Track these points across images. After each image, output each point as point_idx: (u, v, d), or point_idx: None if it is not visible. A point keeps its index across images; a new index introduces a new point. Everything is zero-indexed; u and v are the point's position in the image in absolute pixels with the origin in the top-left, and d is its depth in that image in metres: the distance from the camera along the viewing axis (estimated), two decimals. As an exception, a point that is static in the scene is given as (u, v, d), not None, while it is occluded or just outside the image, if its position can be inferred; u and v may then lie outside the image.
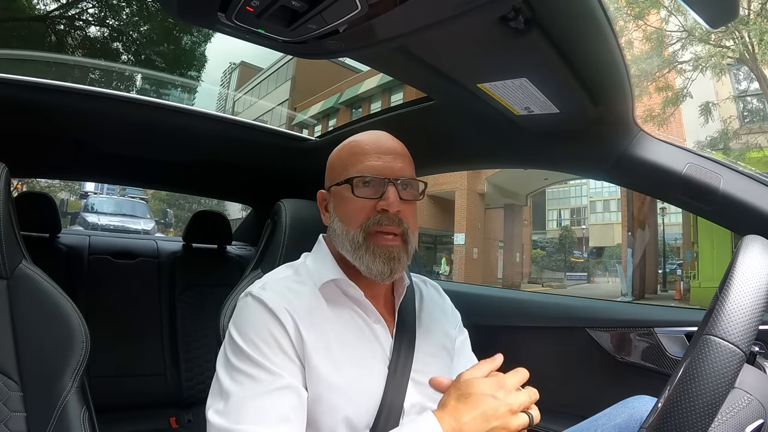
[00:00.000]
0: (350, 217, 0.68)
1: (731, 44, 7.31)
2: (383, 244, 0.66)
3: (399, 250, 0.67)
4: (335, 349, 0.65)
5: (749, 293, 0.47)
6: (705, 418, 0.44)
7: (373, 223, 0.66)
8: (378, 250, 0.66)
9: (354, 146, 0.71)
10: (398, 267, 0.67)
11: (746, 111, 8.50)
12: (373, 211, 0.67)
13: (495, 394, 0.56)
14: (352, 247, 0.67)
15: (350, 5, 0.54)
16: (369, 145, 0.70)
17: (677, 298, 10.66)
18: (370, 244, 0.66)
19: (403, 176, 0.69)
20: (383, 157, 0.69)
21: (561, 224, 27.63)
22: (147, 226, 9.50)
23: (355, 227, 0.67)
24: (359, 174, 0.67)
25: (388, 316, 0.73)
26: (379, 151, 0.69)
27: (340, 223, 0.69)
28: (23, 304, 0.76)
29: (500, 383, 0.57)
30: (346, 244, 0.68)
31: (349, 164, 0.70)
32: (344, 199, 0.69)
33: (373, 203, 0.67)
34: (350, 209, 0.68)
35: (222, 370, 0.62)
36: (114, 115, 1.31)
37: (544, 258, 21.97)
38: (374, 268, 0.66)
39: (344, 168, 0.70)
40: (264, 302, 0.63)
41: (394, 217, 0.67)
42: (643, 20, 7.67)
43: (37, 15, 7.44)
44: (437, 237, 16.07)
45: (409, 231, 0.69)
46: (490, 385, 0.57)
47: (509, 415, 0.55)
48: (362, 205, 0.67)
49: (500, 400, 0.56)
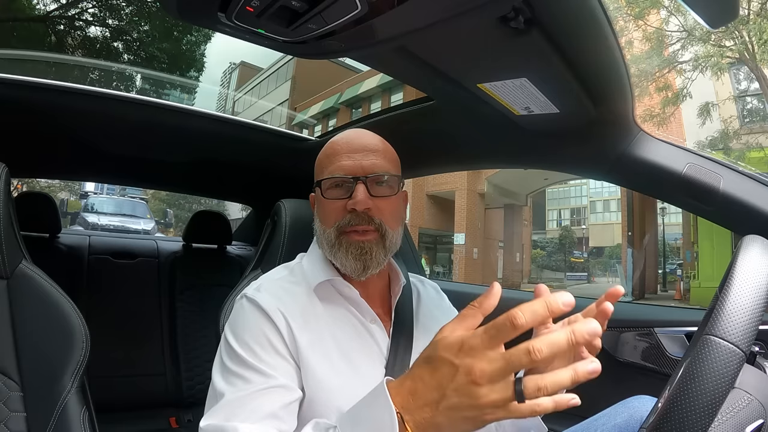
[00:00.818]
0: (325, 218, 0.69)
1: (731, 44, 7.31)
2: (354, 239, 0.67)
3: (371, 245, 0.67)
4: (330, 349, 0.65)
5: (749, 293, 0.47)
6: (705, 418, 0.44)
7: (344, 224, 0.67)
8: (350, 247, 0.66)
9: (328, 147, 0.72)
10: (372, 262, 0.67)
11: (746, 111, 8.50)
12: (344, 211, 0.67)
13: (453, 360, 0.41)
14: (328, 246, 0.68)
15: (350, 5, 0.54)
16: (341, 145, 0.70)
17: (677, 298, 10.66)
18: (343, 241, 0.67)
19: (374, 172, 0.68)
20: (353, 155, 0.69)
21: (561, 224, 27.64)
22: (147, 226, 9.50)
23: (329, 227, 0.68)
24: (329, 176, 0.68)
25: (385, 315, 0.73)
26: (350, 149, 0.69)
27: (319, 224, 0.71)
28: (23, 304, 0.76)
29: (462, 343, 0.42)
30: (324, 244, 0.69)
31: (324, 166, 0.71)
32: (320, 201, 0.71)
33: (344, 203, 0.67)
34: (325, 210, 0.69)
35: (217, 373, 0.62)
36: (114, 115, 1.31)
37: (544, 258, 21.98)
38: (348, 265, 0.67)
39: (321, 170, 0.71)
40: (258, 303, 0.64)
41: (364, 215, 0.66)
42: (643, 20, 7.67)
43: (37, 15, 7.45)
44: (437, 237, 16.07)
45: (384, 225, 0.68)
46: (451, 346, 0.42)
47: (472, 386, 0.40)
48: (334, 206, 0.68)
49: (459, 368, 0.41)
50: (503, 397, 0.40)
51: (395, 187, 0.70)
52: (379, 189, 0.68)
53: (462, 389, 0.41)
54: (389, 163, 0.71)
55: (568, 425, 0.82)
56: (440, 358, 0.43)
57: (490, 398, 0.40)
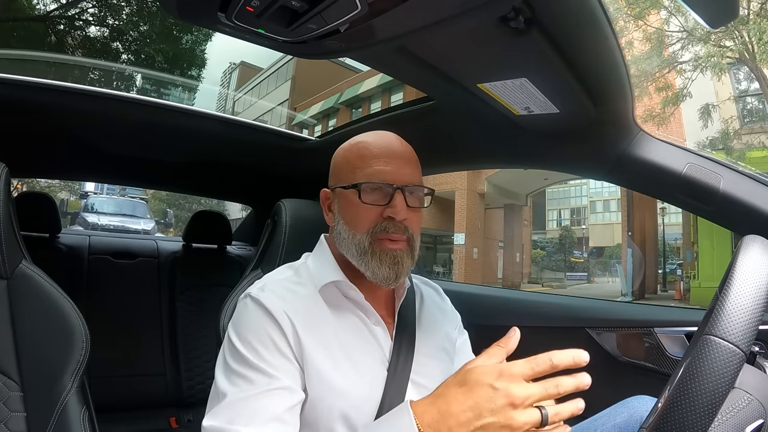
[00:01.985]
0: (357, 222, 0.67)
1: (731, 44, 7.31)
2: (388, 248, 0.66)
3: (403, 255, 0.67)
4: (334, 350, 0.64)
5: (749, 293, 0.47)
6: (705, 418, 0.44)
7: (380, 230, 0.66)
8: (383, 255, 0.65)
9: (362, 148, 0.70)
10: (403, 271, 0.67)
11: (746, 111, 8.50)
12: (380, 217, 0.66)
13: (494, 383, 0.47)
14: (358, 252, 0.66)
15: (350, 5, 0.54)
16: (377, 149, 0.68)
17: (677, 298, 10.66)
18: (376, 249, 0.66)
19: (411, 183, 0.68)
20: (392, 161, 0.67)
21: (561, 224, 27.64)
22: (147, 226, 9.50)
23: (362, 232, 0.66)
24: (367, 180, 0.66)
25: (389, 317, 0.73)
26: (387, 155, 0.68)
27: (346, 227, 0.68)
28: (23, 304, 0.76)
29: (502, 370, 0.48)
30: (352, 249, 0.67)
31: (356, 167, 0.68)
32: (351, 203, 0.68)
33: (381, 210, 0.66)
34: (357, 214, 0.67)
35: (220, 373, 0.62)
36: (114, 115, 1.31)
37: (544, 258, 21.97)
38: (380, 273, 0.65)
39: (351, 170, 0.69)
40: (262, 304, 0.63)
41: (400, 225, 0.66)
42: (643, 20, 7.67)
43: (37, 15, 7.44)
44: (437, 237, 16.08)
45: (414, 237, 0.68)
46: (490, 373, 0.48)
47: (509, 409, 0.46)
48: (369, 211, 0.66)
49: (499, 391, 0.47)
50: (532, 421, 0.47)
51: (425, 200, 0.71)
52: (414, 200, 0.68)
53: (499, 411, 0.47)
54: (420, 174, 0.71)
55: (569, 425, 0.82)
56: (479, 381, 0.48)
57: (521, 420, 0.46)
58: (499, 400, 0.47)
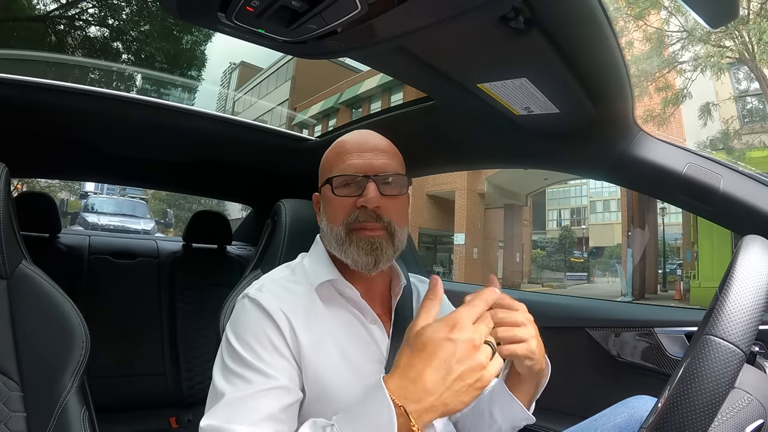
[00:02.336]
0: (334, 215, 0.69)
1: (731, 44, 7.31)
2: (365, 235, 0.67)
3: (382, 240, 0.67)
4: (331, 349, 0.65)
5: (749, 293, 0.47)
6: (705, 418, 0.44)
7: (353, 220, 0.67)
8: (360, 242, 0.67)
9: (338, 146, 0.73)
10: (382, 257, 0.67)
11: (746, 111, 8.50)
12: (353, 208, 0.68)
13: (450, 336, 0.50)
14: (337, 243, 0.68)
15: (350, 5, 0.54)
16: (351, 144, 0.71)
17: (677, 298, 10.66)
18: (353, 237, 0.67)
19: (384, 172, 0.68)
20: (364, 154, 0.69)
21: (561, 224, 27.63)
22: (147, 226, 9.50)
23: (338, 224, 0.68)
24: (339, 173, 0.69)
25: (385, 316, 0.73)
26: (360, 149, 0.70)
27: (326, 222, 0.71)
28: (23, 304, 0.76)
29: (453, 321, 0.51)
30: (332, 241, 0.69)
31: (332, 164, 0.71)
32: (328, 198, 0.70)
33: (353, 201, 0.68)
34: (333, 208, 0.69)
35: (218, 373, 0.62)
36: (114, 115, 1.31)
37: (544, 258, 21.97)
38: (359, 260, 0.67)
39: (329, 169, 0.71)
40: (260, 303, 0.64)
41: (372, 213, 0.67)
42: (643, 20, 7.67)
43: (37, 15, 7.44)
44: (437, 237, 16.07)
45: (393, 224, 0.69)
46: (443, 327, 0.51)
47: (473, 351, 0.49)
48: (343, 203, 0.68)
49: (458, 341, 0.49)
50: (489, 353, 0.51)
51: (403, 188, 0.71)
52: (389, 188, 0.69)
53: (465, 358, 0.49)
54: (397, 164, 0.72)
55: (568, 425, 0.82)
56: (435, 340, 0.50)
57: (484, 357, 0.50)
58: (461, 348, 0.49)
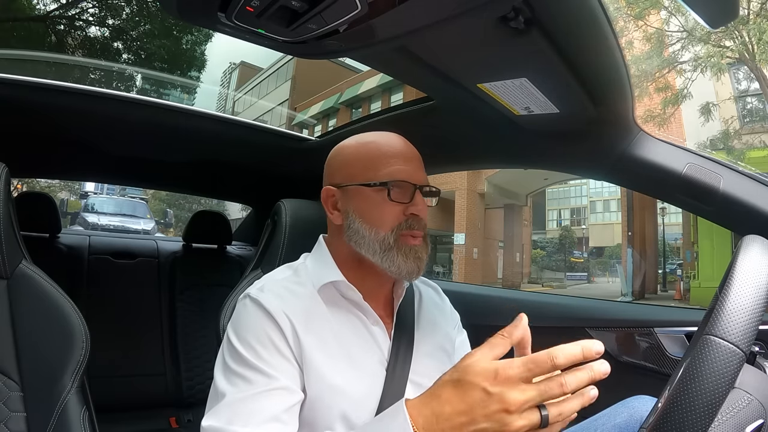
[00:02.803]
0: (381, 220, 0.68)
1: (731, 44, 7.31)
2: (410, 243, 0.68)
3: (422, 249, 0.69)
4: (333, 351, 0.65)
5: (749, 293, 0.47)
6: (705, 418, 0.44)
7: (405, 227, 0.68)
8: (408, 251, 0.67)
9: (375, 146, 0.71)
10: (422, 265, 0.69)
11: (746, 111, 8.50)
12: (403, 215, 0.68)
13: (488, 388, 0.45)
14: (382, 249, 0.67)
15: (350, 5, 0.54)
16: (393, 149, 0.71)
17: (677, 298, 10.65)
18: (401, 245, 0.67)
19: (426, 184, 0.71)
20: (409, 162, 0.70)
21: (561, 224, 27.63)
22: (147, 226, 9.51)
23: (386, 230, 0.67)
24: (393, 178, 0.68)
25: (387, 317, 0.73)
26: (404, 155, 0.71)
27: (367, 225, 0.68)
28: (23, 304, 0.76)
29: (498, 372, 0.45)
30: (375, 246, 0.67)
31: (376, 166, 0.69)
32: (373, 201, 0.68)
33: (404, 207, 0.68)
34: (382, 212, 0.68)
35: (219, 373, 0.62)
36: (114, 115, 1.31)
37: (544, 258, 21.95)
38: (405, 268, 0.67)
39: (368, 169, 0.69)
40: (262, 304, 0.63)
41: (422, 222, 0.69)
42: (643, 20, 7.67)
43: (37, 15, 7.44)
44: (437, 237, 16.06)
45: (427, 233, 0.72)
46: (486, 375, 0.45)
47: (503, 414, 0.44)
48: (395, 208, 0.68)
49: (492, 396, 0.44)
50: (530, 424, 0.44)
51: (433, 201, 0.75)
52: (427, 200, 0.72)
53: (493, 416, 0.44)
54: None
55: (568, 425, 0.82)
56: (472, 384, 0.45)
57: (518, 425, 0.44)
58: (492, 406, 0.44)
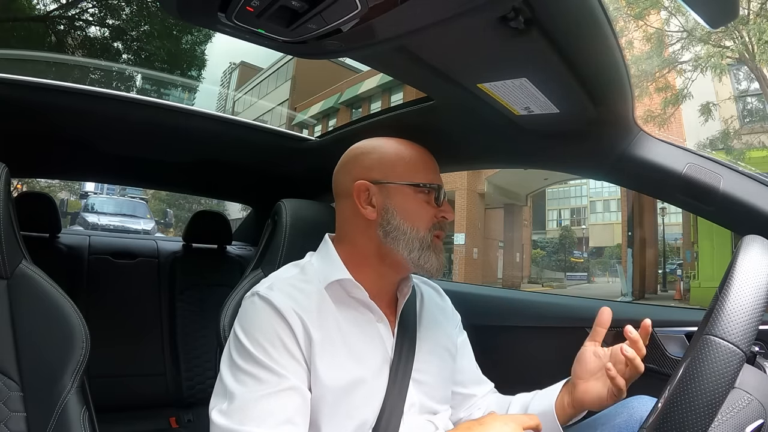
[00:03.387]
0: (420, 219, 0.72)
1: (731, 44, 7.31)
2: (438, 243, 0.74)
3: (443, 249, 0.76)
4: (340, 348, 0.65)
5: (749, 293, 0.47)
6: (705, 418, 0.44)
7: (438, 228, 0.74)
8: (437, 250, 0.73)
9: (416, 152, 0.76)
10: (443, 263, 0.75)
11: (746, 111, 8.50)
12: (434, 217, 0.74)
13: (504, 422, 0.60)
14: (421, 246, 0.71)
15: (350, 5, 0.54)
16: (428, 157, 0.77)
17: (677, 298, 10.65)
18: (436, 244, 0.73)
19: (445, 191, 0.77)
20: (437, 172, 0.77)
21: (561, 224, 27.62)
22: (147, 226, 9.51)
23: (425, 229, 0.72)
24: (432, 183, 0.74)
25: (390, 316, 0.74)
26: (435, 166, 0.78)
27: (408, 222, 0.71)
28: (23, 304, 0.76)
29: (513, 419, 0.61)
30: (414, 243, 0.71)
31: (417, 169, 0.74)
32: (416, 201, 0.73)
33: (437, 210, 0.74)
34: (422, 212, 0.72)
35: (226, 370, 0.62)
36: (114, 115, 1.30)
37: (544, 258, 21.95)
38: (436, 265, 0.72)
39: (409, 170, 0.73)
40: (272, 302, 0.63)
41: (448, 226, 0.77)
42: (644, 20, 7.67)
43: (37, 15, 7.45)
44: (437, 237, 16.04)
45: None
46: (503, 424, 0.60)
47: None
48: (432, 210, 0.73)
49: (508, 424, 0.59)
50: None
51: None
52: None
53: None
54: None
55: (569, 425, 0.82)
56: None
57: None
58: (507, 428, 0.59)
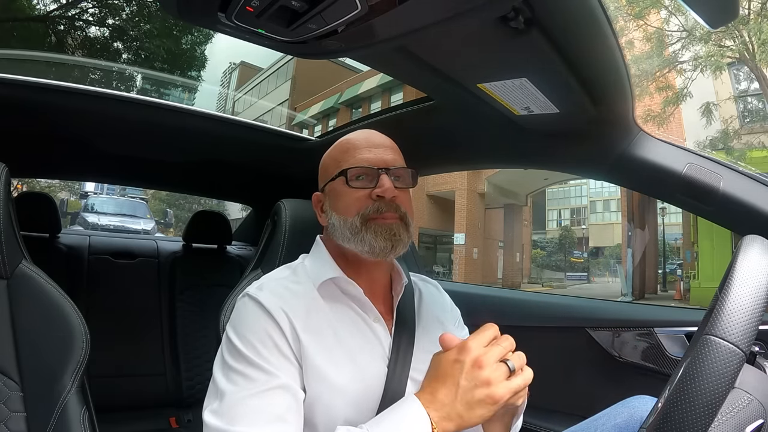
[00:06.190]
0: (347, 207, 0.69)
1: (731, 44, 7.31)
2: (383, 223, 0.68)
3: (399, 227, 0.68)
4: (334, 348, 0.65)
5: (749, 293, 0.47)
6: (705, 418, 0.44)
7: (372, 211, 0.68)
8: (378, 228, 0.67)
9: (344, 143, 0.73)
10: (399, 244, 0.68)
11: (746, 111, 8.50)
12: (369, 200, 0.68)
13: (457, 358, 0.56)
14: (352, 233, 0.67)
15: (350, 5, 0.54)
16: (359, 141, 0.72)
17: (677, 298, 10.65)
18: (370, 225, 0.67)
19: (395, 166, 0.71)
20: (374, 150, 0.71)
21: (561, 224, 27.62)
22: (147, 226, 9.50)
23: (352, 216, 0.68)
24: (352, 166, 0.69)
25: (387, 314, 0.73)
26: (369, 145, 0.72)
27: (338, 216, 0.70)
28: (23, 304, 0.76)
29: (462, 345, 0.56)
30: (346, 233, 0.68)
31: (341, 160, 0.71)
32: (339, 192, 0.70)
33: (369, 192, 0.68)
34: (347, 201, 0.69)
35: (218, 370, 0.62)
36: (114, 115, 1.31)
37: (544, 258, 21.96)
38: (377, 245, 0.67)
39: (337, 165, 0.72)
40: (260, 302, 0.64)
41: (392, 204, 0.68)
42: (644, 20, 7.67)
43: (37, 15, 7.45)
44: (437, 237, 16.07)
45: (407, 215, 0.70)
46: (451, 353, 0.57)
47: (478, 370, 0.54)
48: (358, 195, 0.68)
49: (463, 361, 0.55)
50: (501, 373, 0.55)
51: (411, 182, 0.73)
52: (399, 182, 0.71)
53: (470, 374, 0.54)
54: (403, 161, 0.74)
55: (569, 425, 0.82)
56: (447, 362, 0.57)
57: (492, 376, 0.54)
58: (467, 368, 0.55)
